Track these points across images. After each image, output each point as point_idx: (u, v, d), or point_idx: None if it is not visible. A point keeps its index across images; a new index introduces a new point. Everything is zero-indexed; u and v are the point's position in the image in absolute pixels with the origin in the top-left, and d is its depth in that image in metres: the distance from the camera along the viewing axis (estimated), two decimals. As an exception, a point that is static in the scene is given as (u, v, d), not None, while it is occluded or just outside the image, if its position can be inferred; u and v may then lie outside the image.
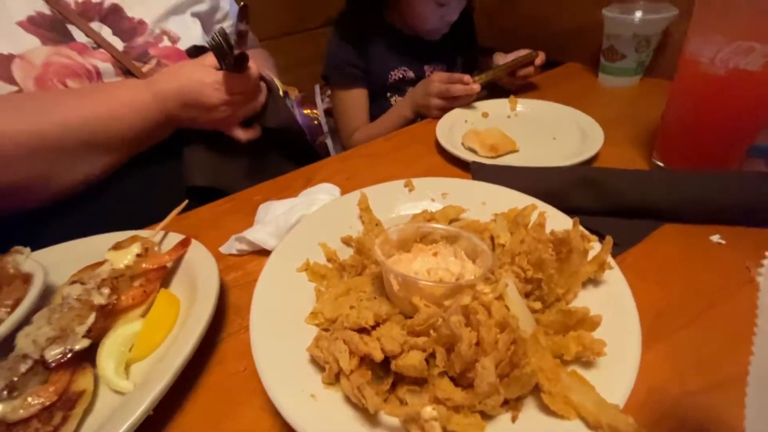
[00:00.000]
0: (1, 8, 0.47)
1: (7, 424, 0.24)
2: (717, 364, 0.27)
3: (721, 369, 0.27)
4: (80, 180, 0.47)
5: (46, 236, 0.39)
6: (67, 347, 0.27)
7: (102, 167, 0.48)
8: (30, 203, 0.46)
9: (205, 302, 0.31)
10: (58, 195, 0.46)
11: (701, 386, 0.26)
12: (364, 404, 0.20)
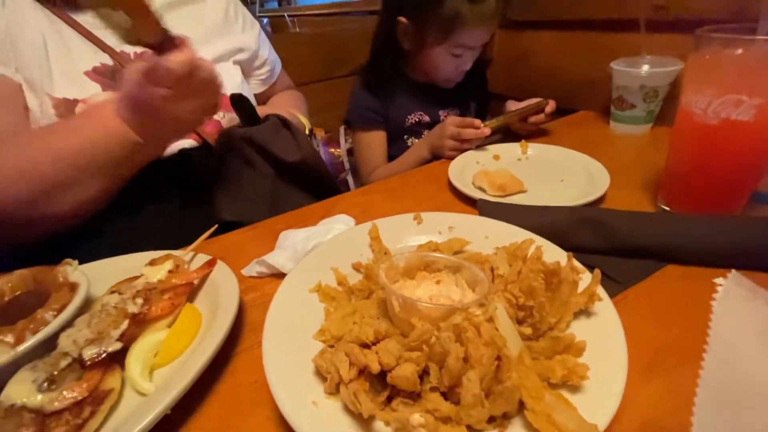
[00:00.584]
0: (70, 60, 0.56)
1: (43, 414, 0.27)
2: (714, 403, 0.27)
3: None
4: (74, 205, 0.48)
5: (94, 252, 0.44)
6: (102, 348, 0.30)
7: (96, 193, 0.49)
8: (28, 229, 0.49)
9: (224, 318, 0.34)
10: (57, 220, 0.48)
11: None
12: (359, 409, 0.22)
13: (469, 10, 0.69)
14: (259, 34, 0.77)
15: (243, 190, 0.60)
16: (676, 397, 0.28)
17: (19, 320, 0.32)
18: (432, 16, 0.71)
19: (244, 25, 0.74)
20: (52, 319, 0.32)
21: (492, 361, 0.22)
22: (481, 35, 0.75)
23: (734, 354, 0.18)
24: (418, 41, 0.77)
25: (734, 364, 0.18)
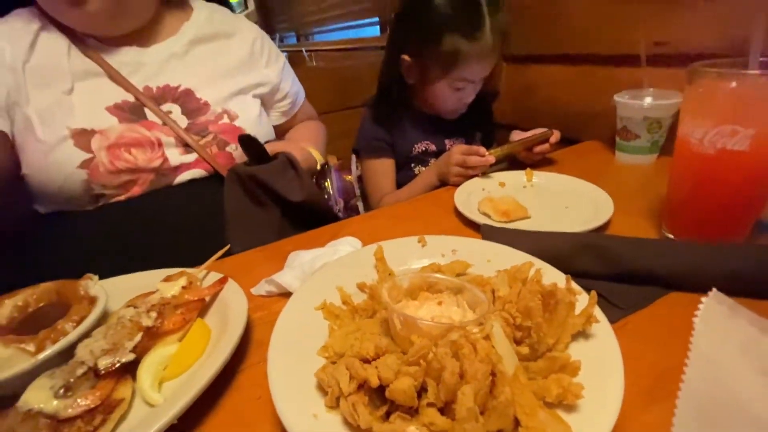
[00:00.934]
0: (94, 96, 0.60)
1: (57, 420, 0.28)
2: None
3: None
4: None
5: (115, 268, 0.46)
6: (116, 359, 0.31)
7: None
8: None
9: (231, 335, 0.35)
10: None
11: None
12: (357, 421, 0.23)
13: (467, 47, 0.73)
14: (283, 68, 0.81)
15: (251, 224, 0.62)
16: (678, 424, 0.28)
17: (41, 330, 0.34)
18: (433, 54, 0.75)
19: (268, 59, 0.79)
20: (71, 329, 0.34)
21: (486, 377, 0.22)
22: (480, 70, 0.78)
23: (715, 369, 0.18)
24: (422, 77, 0.81)
25: (715, 379, 0.18)
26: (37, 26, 0.60)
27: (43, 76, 0.58)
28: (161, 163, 0.62)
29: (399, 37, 0.82)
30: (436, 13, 0.73)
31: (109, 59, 0.62)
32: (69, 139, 0.57)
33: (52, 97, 0.58)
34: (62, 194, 0.59)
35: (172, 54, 0.67)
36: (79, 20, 0.59)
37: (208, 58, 0.70)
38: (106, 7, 0.58)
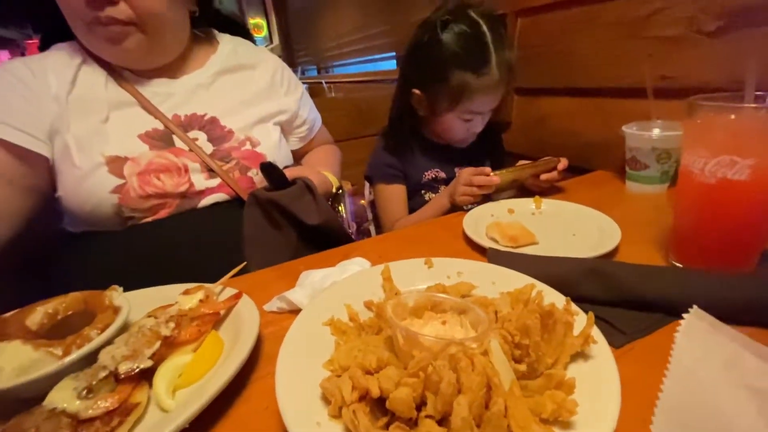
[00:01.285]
0: (128, 124, 0.65)
1: (77, 420, 0.30)
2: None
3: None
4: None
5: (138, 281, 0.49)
6: (135, 365, 0.33)
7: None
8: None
9: (243, 347, 0.37)
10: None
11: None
12: (357, 428, 0.24)
13: (475, 81, 0.76)
14: (301, 96, 0.86)
15: (268, 245, 0.65)
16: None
17: (68, 335, 0.36)
18: (441, 88, 0.79)
19: (288, 88, 0.84)
20: (95, 336, 0.36)
21: (481, 388, 0.23)
22: (488, 102, 0.81)
23: (695, 382, 0.19)
24: (431, 109, 0.85)
25: (694, 392, 0.18)
26: (79, 60, 0.66)
27: (83, 106, 0.63)
28: (187, 188, 0.66)
29: (409, 72, 0.87)
30: (445, 50, 0.77)
31: (142, 90, 0.68)
32: (103, 166, 0.61)
33: (89, 126, 0.63)
34: (94, 216, 0.63)
35: (199, 84, 0.73)
36: (117, 56, 0.65)
37: (232, 88, 0.76)
38: (142, 45, 0.63)
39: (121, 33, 0.61)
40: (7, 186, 0.60)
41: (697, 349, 0.19)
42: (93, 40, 0.62)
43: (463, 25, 0.76)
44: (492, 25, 0.77)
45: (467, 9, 0.77)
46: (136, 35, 0.62)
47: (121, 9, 0.58)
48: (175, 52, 0.70)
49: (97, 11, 0.57)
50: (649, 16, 0.78)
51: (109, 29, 0.60)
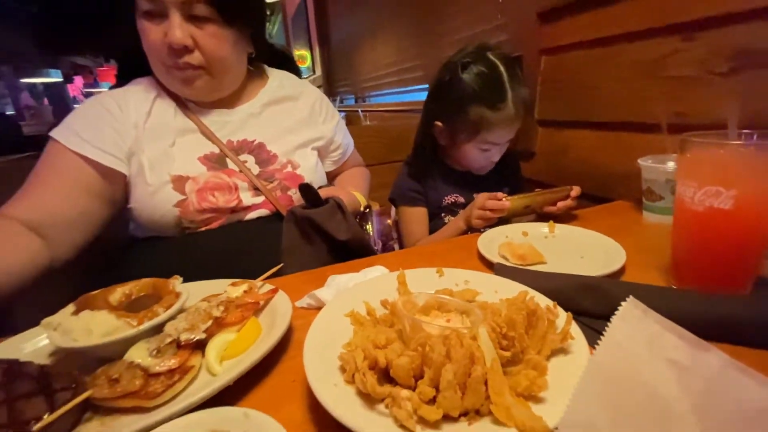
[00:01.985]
0: (190, 148, 0.76)
1: (148, 373, 0.38)
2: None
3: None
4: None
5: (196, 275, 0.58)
6: (192, 336, 0.41)
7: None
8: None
9: (277, 331, 0.44)
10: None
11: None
12: (365, 386, 0.30)
13: (491, 115, 0.83)
14: (337, 124, 0.97)
15: (302, 257, 0.73)
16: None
17: (140, 311, 0.45)
18: (461, 121, 0.87)
19: (325, 117, 0.94)
20: (162, 312, 0.45)
21: (466, 360, 0.29)
22: (504, 134, 0.88)
23: (622, 353, 0.23)
24: (452, 140, 0.93)
25: (620, 359, 0.23)
26: (154, 94, 0.79)
27: (155, 133, 0.75)
28: (236, 203, 0.76)
29: (433, 106, 0.96)
30: (465, 88, 0.85)
31: (203, 118, 0.80)
32: (169, 184, 0.73)
33: (159, 150, 0.74)
34: (158, 225, 0.75)
35: (251, 114, 0.84)
36: (187, 94, 0.78)
37: (278, 117, 0.87)
38: (208, 85, 0.76)
39: (192, 76, 0.73)
40: (95, 198, 0.73)
41: (627, 328, 0.23)
42: (170, 79, 0.75)
43: (482, 66, 0.84)
44: (508, 65, 0.84)
45: (486, 51, 0.86)
46: (204, 77, 0.74)
47: (195, 56, 0.71)
48: (233, 88, 0.82)
49: (176, 58, 0.70)
50: (665, 57, 0.82)
51: (184, 73, 0.72)
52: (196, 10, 0.68)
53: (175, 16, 0.67)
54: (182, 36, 0.68)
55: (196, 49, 0.71)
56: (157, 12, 0.68)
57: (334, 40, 3.71)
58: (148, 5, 0.67)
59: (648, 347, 0.23)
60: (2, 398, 0.34)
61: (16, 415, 0.33)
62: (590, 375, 0.22)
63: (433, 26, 1.88)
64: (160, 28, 0.68)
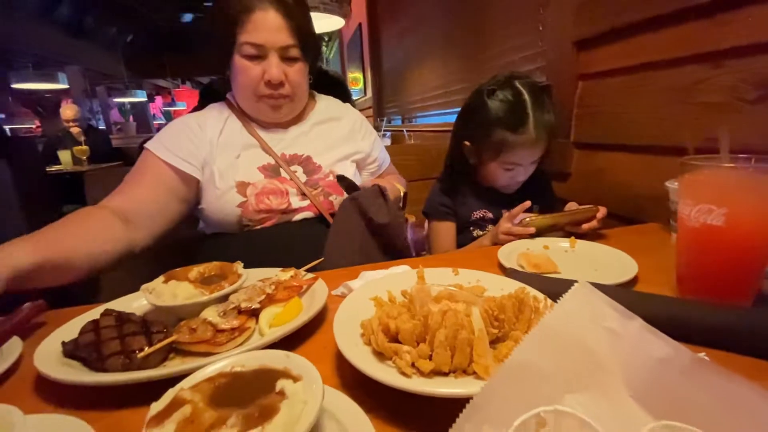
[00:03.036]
0: (252, 158, 0.91)
1: (216, 329, 0.49)
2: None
3: None
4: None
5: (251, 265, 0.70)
6: (250, 305, 0.52)
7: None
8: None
9: (314, 309, 0.54)
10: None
11: None
12: (377, 344, 0.39)
13: (513, 138, 0.90)
14: (374, 141, 1.10)
15: (345, 245, 0.84)
16: None
17: (212, 285, 0.57)
18: (486, 142, 0.95)
19: (364, 135, 1.08)
20: (227, 287, 0.57)
21: (456, 326, 0.37)
22: (525, 156, 0.94)
23: (566, 319, 0.29)
24: (478, 158, 1.01)
25: (566, 324, 0.29)
26: (227, 115, 0.96)
27: (225, 147, 0.92)
28: (287, 206, 0.89)
29: (461, 126, 1.04)
30: (490, 112, 0.93)
31: (263, 135, 0.96)
32: (233, 188, 0.88)
33: (228, 161, 0.90)
34: (223, 223, 0.90)
35: (301, 132, 0.99)
36: (273, 117, 0.95)
37: (323, 135, 1.01)
38: (289, 110, 0.94)
39: (281, 103, 0.91)
40: (173, 196, 0.89)
41: (576, 302, 0.29)
42: (260, 107, 0.92)
43: (508, 93, 0.92)
44: (534, 92, 0.91)
45: (514, 80, 0.93)
46: (289, 104, 0.93)
47: (286, 88, 0.89)
48: (301, 109, 0.99)
49: (272, 90, 0.88)
50: (695, 84, 0.85)
51: (276, 101, 0.91)
52: (290, 53, 0.87)
53: (274, 58, 0.86)
54: (278, 73, 0.86)
55: (286, 83, 0.88)
56: (258, 55, 0.86)
57: (385, 65, 3.92)
58: (252, 50, 0.85)
59: (590, 317, 0.29)
60: (116, 335, 0.47)
61: (126, 347, 0.45)
62: (539, 330, 0.29)
63: (478, 53, 1.98)
64: (260, 66, 0.86)
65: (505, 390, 0.25)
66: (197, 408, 0.31)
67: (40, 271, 0.61)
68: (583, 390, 0.26)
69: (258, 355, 0.40)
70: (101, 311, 0.52)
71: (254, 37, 0.84)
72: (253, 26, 0.83)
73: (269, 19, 0.83)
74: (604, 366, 0.28)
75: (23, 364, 0.50)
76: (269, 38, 0.84)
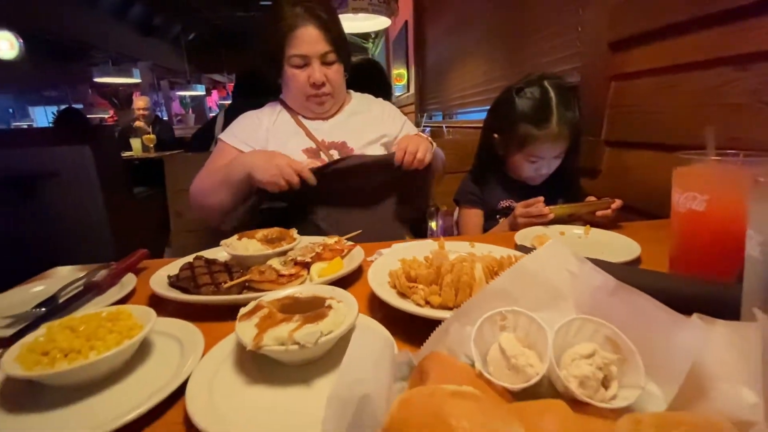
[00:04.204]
0: (297, 142, 1.07)
1: (279, 274, 0.64)
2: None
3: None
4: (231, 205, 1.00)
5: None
6: (304, 258, 0.67)
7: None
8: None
9: (351, 266, 0.67)
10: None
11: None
12: (399, 282, 0.51)
13: (536, 132, 0.98)
14: (403, 124, 1.23)
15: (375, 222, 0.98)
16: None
17: (274, 243, 0.72)
18: (511, 135, 1.03)
19: (393, 120, 1.22)
20: (286, 245, 0.71)
21: (461, 272, 0.48)
22: (547, 150, 1.01)
23: (538, 260, 0.39)
24: (505, 150, 1.09)
25: (536, 263, 0.39)
26: (279, 110, 1.15)
27: (277, 134, 1.10)
28: None
29: (492, 120, 1.14)
30: (516, 108, 1.02)
31: (308, 125, 1.12)
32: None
33: (279, 145, 1.07)
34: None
35: (338, 122, 1.15)
36: (318, 111, 1.11)
37: (356, 124, 1.16)
38: (331, 105, 1.10)
39: (324, 100, 1.08)
40: None
41: (548, 252, 0.39)
42: (308, 104, 1.10)
43: (535, 91, 1.00)
44: (560, 91, 0.98)
45: (543, 79, 1.01)
46: (330, 100, 1.09)
47: (327, 87, 1.06)
48: (340, 103, 1.13)
49: (316, 90, 1.05)
50: (720, 86, 0.89)
51: (320, 99, 1.08)
52: (328, 59, 1.04)
53: (316, 64, 1.03)
54: (320, 76, 1.04)
55: (327, 83, 1.04)
56: (303, 63, 1.04)
57: (429, 62, 4.00)
58: (299, 60, 1.04)
59: (555, 262, 0.39)
60: (207, 271, 0.63)
61: (213, 279, 0.61)
62: (516, 268, 0.39)
63: (518, 52, 2.02)
64: (305, 72, 1.04)
65: (483, 304, 0.36)
66: (272, 311, 0.45)
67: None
68: (543, 309, 0.37)
69: (312, 287, 0.54)
70: (192, 258, 0.69)
71: (299, 50, 1.02)
72: (298, 41, 1.02)
73: (309, 33, 1.01)
74: (562, 295, 0.38)
75: (137, 293, 0.67)
76: (311, 49, 1.02)
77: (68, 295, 0.63)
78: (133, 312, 0.49)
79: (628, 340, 0.30)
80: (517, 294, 0.38)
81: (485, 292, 0.38)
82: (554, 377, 0.30)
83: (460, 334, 0.36)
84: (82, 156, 2.78)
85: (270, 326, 0.41)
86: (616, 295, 0.35)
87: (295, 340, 0.39)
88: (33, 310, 0.59)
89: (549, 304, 0.38)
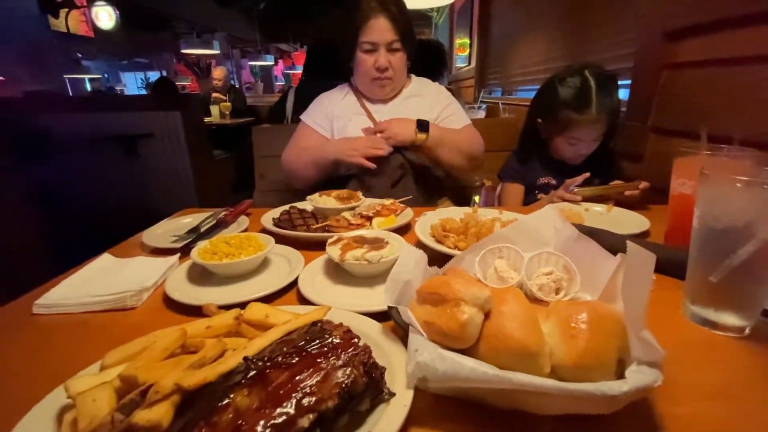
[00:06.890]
0: (359, 122, 1.27)
1: (349, 223, 0.86)
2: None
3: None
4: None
5: None
6: (367, 213, 0.88)
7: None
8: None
9: (403, 221, 0.88)
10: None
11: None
12: (436, 232, 0.71)
13: (575, 116, 1.09)
14: (447, 105, 1.36)
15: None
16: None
17: (345, 200, 0.95)
18: (553, 119, 1.14)
19: (440, 100, 1.37)
20: (354, 203, 0.94)
21: (482, 226, 0.66)
22: (586, 133, 1.11)
23: (533, 219, 0.56)
24: (547, 132, 1.20)
25: (530, 221, 0.56)
26: (346, 92, 1.36)
27: (342, 113, 1.31)
28: None
29: (536, 106, 1.25)
30: (558, 94, 1.13)
31: (369, 107, 1.32)
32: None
33: (343, 123, 1.29)
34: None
35: (395, 105, 1.33)
36: (381, 94, 1.30)
37: (411, 106, 1.33)
38: (391, 88, 1.29)
39: (387, 83, 1.27)
40: None
41: (541, 215, 0.56)
42: (372, 87, 1.29)
43: (576, 80, 1.10)
44: (600, 80, 1.08)
45: (584, 69, 1.10)
46: (392, 84, 1.28)
47: (389, 72, 1.24)
48: (401, 87, 1.31)
49: (380, 74, 1.24)
50: (760, 81, 0.94)
51: (383, 82, 1.26)
52: (393, 46, 1.21)
53: (382, 50, 1.22)
54: (385, 62, 1.22)
55: (390, 68, 1.22)
56: (371, 49, 1.22)
57: (493, 35, 3.95)
58: (369, 46, 1.22)
59: (545, 221, 0.56)
60: (300, 217, 0.87)
61: (305, 222, 0.85)
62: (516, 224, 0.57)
63: (579, 35, 2.02)
64: (372, 57, 1.23)
65: (490, 243, 0.55)
66: (349, 242, 0.67)
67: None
68: (532, 251, 0.54)
69: (373, 231, 0.75)
70: (288, 207, 0.94)
71: (370, 37, 1.21)
72: (370, 30, 1.20)
73: (380, 23, 1.20)
74: (546, 242, 0.55)
75: (249, 229, 0.94)
76: (380, 37, 1.20)
77: (206, 226, 0.91)
78: (258, 237, 0.74)
79: (575, 266, 0.48)
80: (515, 239, 0.56)
81: (493, 236, 0.57)
82: (525, 286, 0.49)
83: (471, 260, 0.55)
84: (174, 120, 3.21)
85: (349, 249, 0.64)
86: (578, 242, 0.52)
87: (366, 258, 0.61)
88: (186, 234, 0.88)
89: (536, 247, 0.56)
